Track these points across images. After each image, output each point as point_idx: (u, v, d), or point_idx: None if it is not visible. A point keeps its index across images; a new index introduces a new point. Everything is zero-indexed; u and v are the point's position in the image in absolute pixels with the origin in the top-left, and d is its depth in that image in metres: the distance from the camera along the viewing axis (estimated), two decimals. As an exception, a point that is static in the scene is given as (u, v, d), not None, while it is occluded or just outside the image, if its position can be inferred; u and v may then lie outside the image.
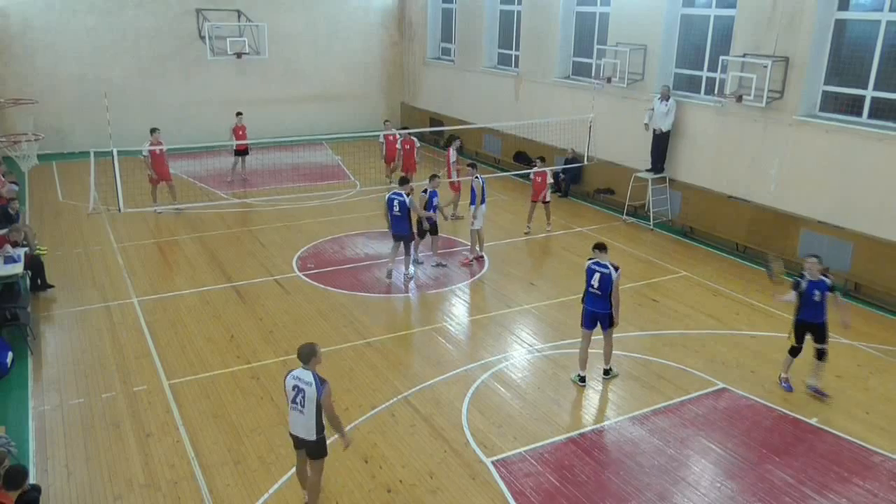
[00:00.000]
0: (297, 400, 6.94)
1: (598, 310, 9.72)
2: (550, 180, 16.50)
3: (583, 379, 10.04)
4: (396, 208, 12.98)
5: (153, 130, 17.31)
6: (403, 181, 13.44)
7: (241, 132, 19.69)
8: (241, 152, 20.11)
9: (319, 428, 6.96)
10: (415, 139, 19.03)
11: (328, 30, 26.65)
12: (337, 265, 14.21)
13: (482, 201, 14.29)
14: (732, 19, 15.33)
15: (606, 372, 10.16)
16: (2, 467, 6.79)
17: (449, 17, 26.01)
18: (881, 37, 13.07)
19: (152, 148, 16.94)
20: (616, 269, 9.54)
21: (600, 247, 9.76)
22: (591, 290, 9.68)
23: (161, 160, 17.15)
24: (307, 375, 6.91)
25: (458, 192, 17.27)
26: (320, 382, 6.88)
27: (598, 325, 9.85)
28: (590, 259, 9.81)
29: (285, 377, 7.08)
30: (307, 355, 6.96)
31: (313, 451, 7.12)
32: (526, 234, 16.36)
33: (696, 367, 10.47)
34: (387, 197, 13.26)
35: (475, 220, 14.30)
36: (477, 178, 14.43)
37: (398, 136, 19.50)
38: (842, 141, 13.45)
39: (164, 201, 17.45)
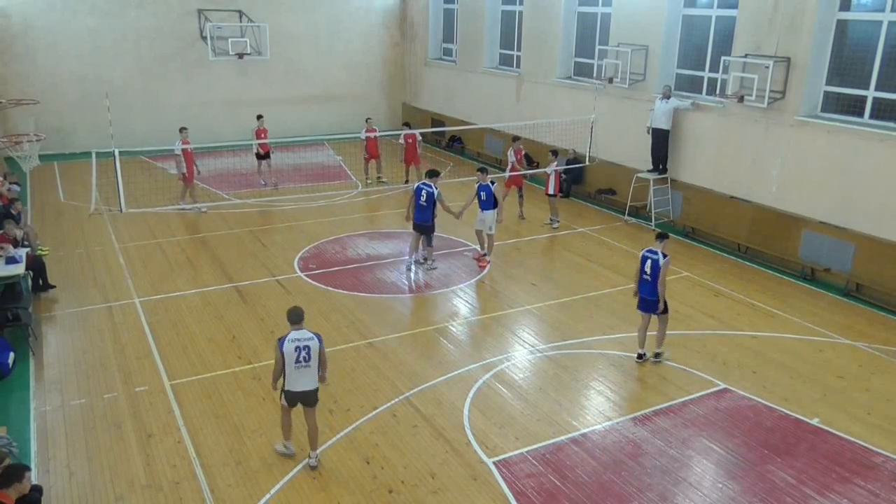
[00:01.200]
0: (302, 357, 7.72)
1: (648, 296, 10.29)
2: (548, 172, 16.71)
3: (640, 356, 10.58)
4: (423, 198, 13.39)
5: (182, 129, 17.40)
6: (433, 173, 13.94)
7: (262, 135, 19.41)
8: (264, 155, 19.86)
9: (319, 376, 7.94)
10: (417, 133, 19.23)
11: (329, 30, 26.67)
12: (339, 266, 14.21)
13: (495, 205, 14.07)
14: (734, 20, 15.32)
15: (657, 355, 10.57)
16: (1, 467, 6.78)
17: (450, 18, 26.01)
18: (883, 37, 13.05)
19: (185, 147, 17.09)
20: (664, 256, 10.12)
21: (661, 236, 10.36)
22: (643, 276, 10.29)
23: (192, 158, 17.38)
24: (305, 333, 7.79)
25: (517, 187, 17.57)
26: (318, 336, 7.86)
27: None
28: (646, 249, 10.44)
29: (280, 344, 7.72)
30: (300, 316, 7.86)
31: (314, 399, 8.00)
32: (552, 227, 16.86)
33: (698, 368, 10.47)
34: (415, 186, 13.72)
35: (494, 223, 14.19)
36: (492, 183, 14.18)
37: (377, 135, 20.16)
38: (843, 141, 13.45)
39: (184, 199, 17.60)
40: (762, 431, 8.96)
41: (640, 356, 10.59)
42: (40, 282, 12.62)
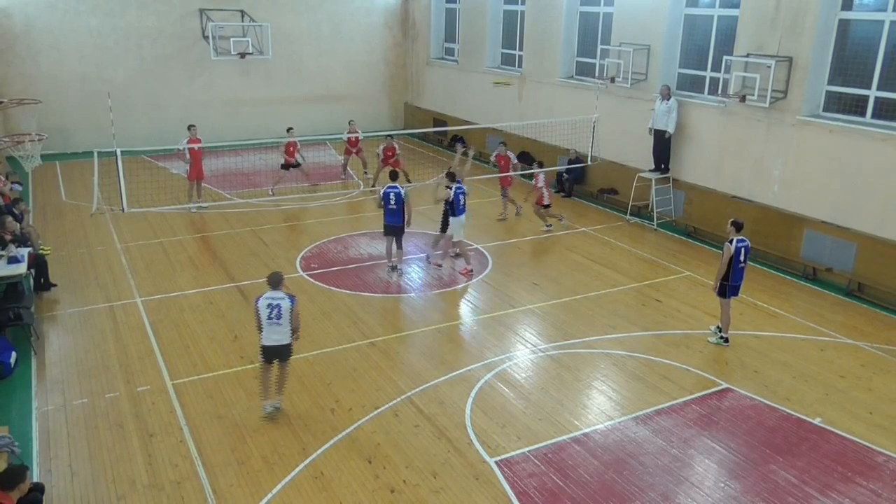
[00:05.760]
0: (273, 315, 8.63)
1: (742, 281, 10.96)
2: (540, 185, 16.25)
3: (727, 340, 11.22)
4: (392, 201, 13.17)
5: (190, 127, 17.47)
6: (395, 175, 13.79)
7: (291, 148, 19.19)
8: (292, 166, 19.44)
9: (291, 333, 8.81)
10: (396, 146, 19.49)
11: (331, 30, 26.68)
12: (340, 265, 14.22)
13: (458, 213, 13.60)
14: (736, 19, 15.30)
15: (725, 340, 11.24)
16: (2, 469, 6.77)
17: (452, 17, 26.01)
18: (885, 37, 13.03)
19: (190, 146, 17.13)
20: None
21: (740, 225, 10.79)
22: (740, 265, 10.76)
23: (198, 156, 17.43)
24: (279, 294, 8.70)
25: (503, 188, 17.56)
26: (291, 297, 8.75)
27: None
28: (732, 240, 10.67)
29: (256, 302, 8.72)
30: (278, 281, 8.81)
31: (287, 353, 8.93)
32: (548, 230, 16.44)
33: (700, 367, 10.46)
34: (383, 191, 13.31)
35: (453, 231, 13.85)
36: (448, 187, 13.63)
37: (359, 135, 20.37)
38: (845, 141, 13.43)
39: (194, 200, 17.73)
40: (764, 431, 8.96)
41: (727, 339, 11.22)
42: (42, 280, 12.64)
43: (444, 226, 14.08)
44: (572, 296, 12.91)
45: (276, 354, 8.86)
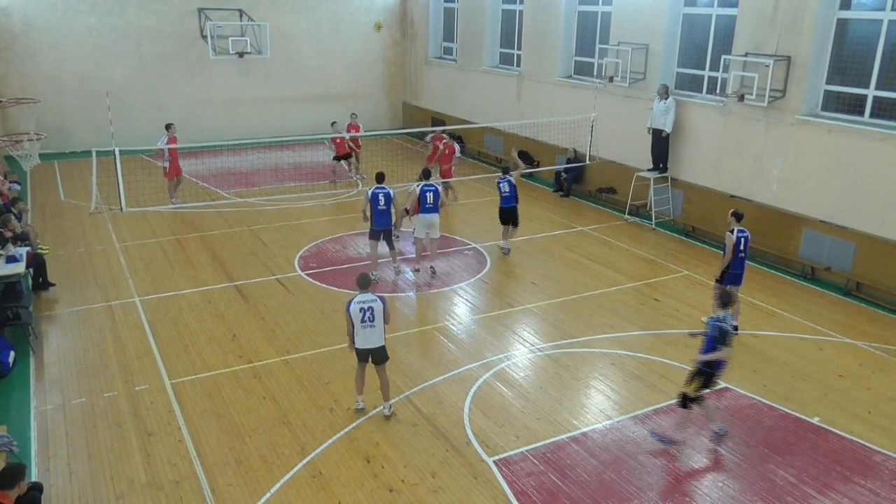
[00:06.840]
0: (367, 318, 8.59)
1: (742, 270, 11.16)
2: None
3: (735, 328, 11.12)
4: (382, 202, 13.04)
5: (169, 126, 17.47)
6: (382, 177, 13.48)
7: (339, 141, 20.01)
8: (344, 157, 20.30)
9: (384, 334, 8.81)
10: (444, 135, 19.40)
11: (330, 29, 26.68)
12: (339, 264, 14.21)
13: (421, 210, 13.56)
14: (734, 18, 15.31)
15: (735, 328, 10.76)
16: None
17: (451, 17, 26.00)
18: (883, 36, 13.04)
19: (170, 146, 17.19)
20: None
21: (740, 216, 11.20)
22: (741, 255, 11.04)
23: (176, 155, 17.54)
24: (369, 296, 8.65)
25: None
26: (381, 298, 8.71)
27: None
28: (734, 230, 11.04)
29: (347, 306, 8.63)
30: (367, 283, 8.74)
31: (383, 356, 8.87)
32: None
33: (698, 367, 10.45)
34: (371, 192, 13.17)
35: (416, 228, 13.82)
36: (417, 186, 13.71)
37: (357, 129, 20.46)
38: (844, 140, 13.44)
39: (180, 197, 17.80)
40: (762, 430, 8.96)
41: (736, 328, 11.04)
42: (40, 280, 12.63)
43: (506, 220, 14.73)
44: (571, 295, 12.92)
45: (370, 356, 8.84)
